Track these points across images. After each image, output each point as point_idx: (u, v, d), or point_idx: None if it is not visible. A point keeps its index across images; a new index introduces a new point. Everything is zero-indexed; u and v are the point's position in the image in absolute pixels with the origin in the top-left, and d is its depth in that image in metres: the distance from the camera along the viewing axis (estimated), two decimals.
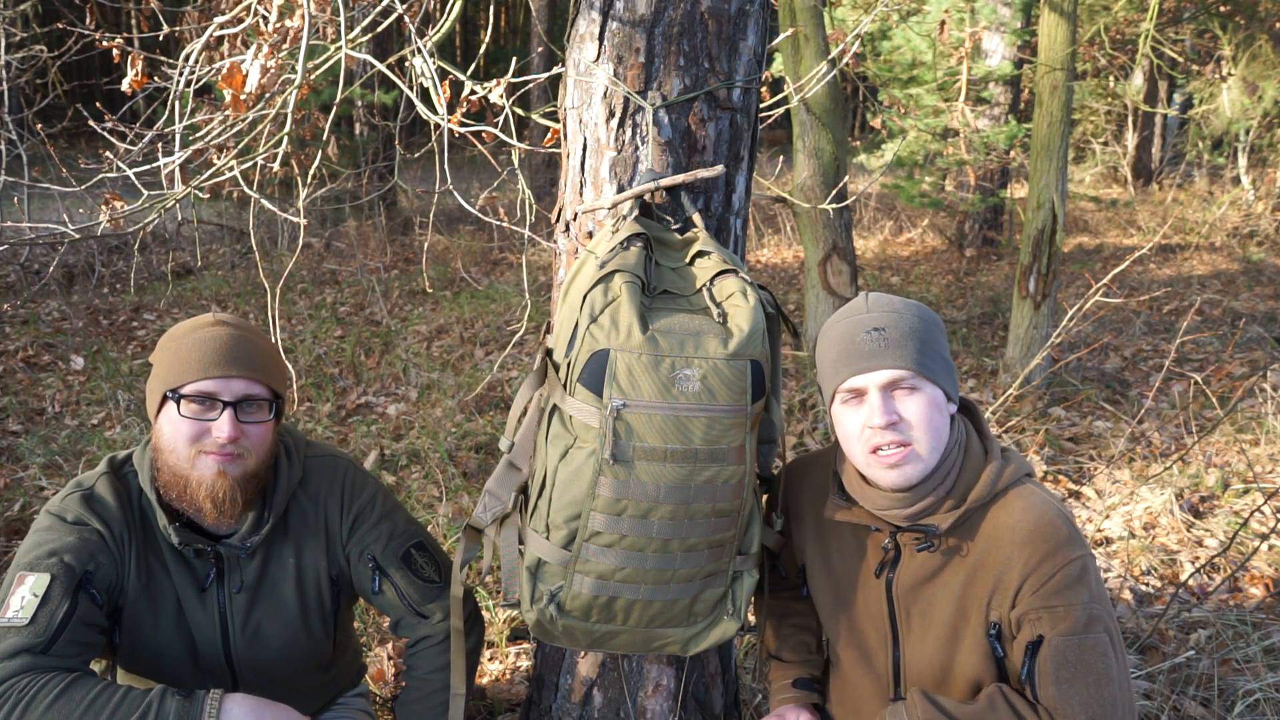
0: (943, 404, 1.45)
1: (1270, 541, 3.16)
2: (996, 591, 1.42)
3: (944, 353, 1.47)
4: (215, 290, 7.02)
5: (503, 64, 14.89)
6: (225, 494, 1.51)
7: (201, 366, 1.48)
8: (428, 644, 1.76)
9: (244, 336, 1.54)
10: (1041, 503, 1.44)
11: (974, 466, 1.47)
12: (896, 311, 1.45)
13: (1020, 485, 1.47)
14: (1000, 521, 1.44)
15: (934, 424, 1.42)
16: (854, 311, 1.48)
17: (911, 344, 1.42)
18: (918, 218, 10.13)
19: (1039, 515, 1.42)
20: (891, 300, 1.49)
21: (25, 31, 7.39)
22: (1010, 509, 1.44)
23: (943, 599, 1.48)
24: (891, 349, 1.41)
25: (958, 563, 1.47)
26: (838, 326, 1.48)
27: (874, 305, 1.48)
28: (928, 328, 1.45)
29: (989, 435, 1.53)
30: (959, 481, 1.46)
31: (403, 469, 3.84)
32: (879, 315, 1.45)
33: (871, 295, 1.51)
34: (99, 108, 2.92)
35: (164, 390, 1.50)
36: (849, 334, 1.45)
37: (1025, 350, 4.79)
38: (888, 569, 1.54)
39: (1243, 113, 9.91)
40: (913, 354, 1.41)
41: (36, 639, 1.37)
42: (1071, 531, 1.41)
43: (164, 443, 1.51)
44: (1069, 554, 1.38)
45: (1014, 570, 1.41)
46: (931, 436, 1.42)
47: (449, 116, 2.15)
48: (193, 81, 2.39)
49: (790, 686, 1.74)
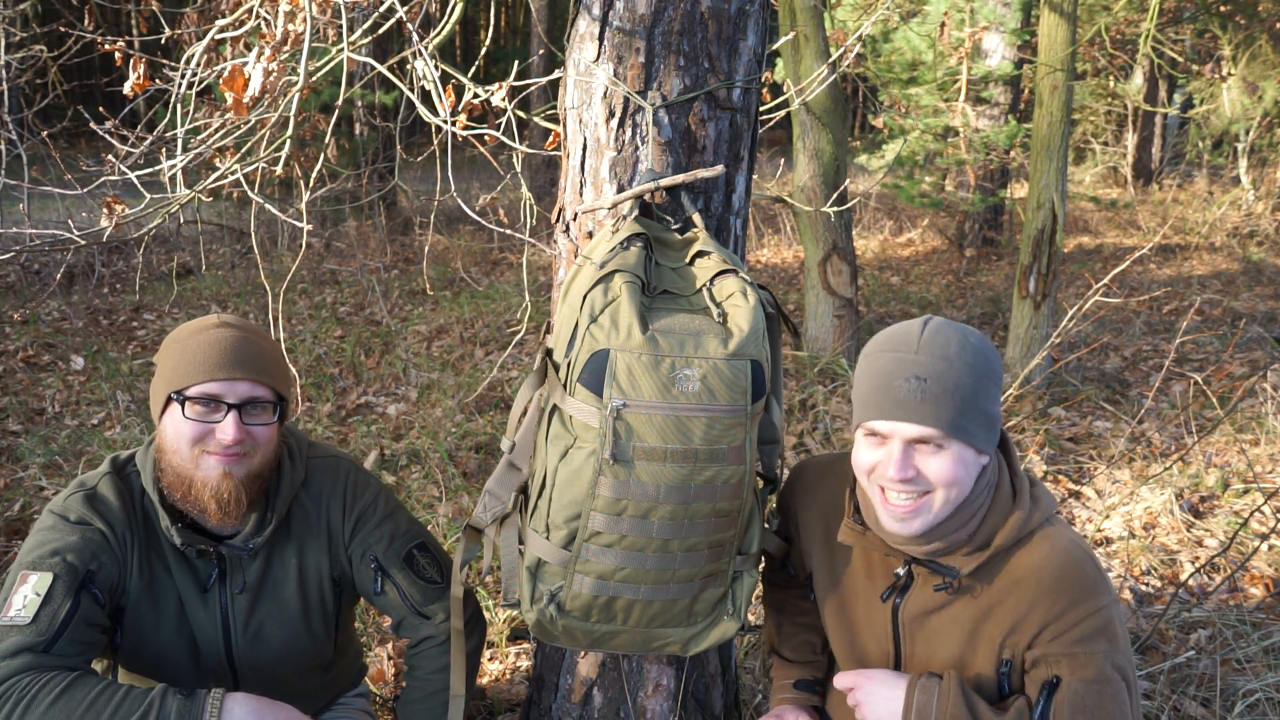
0: (970, 460, 1.36)
1: (1270, 541, 3.16)
2: (1014, 632, 1.38)
3: (989, 407, 1.36)
4: (216, 290, 7.02)
5: (503, 64, 14.89)
6: (230, 495, 1.52)
7: (206, 369, 1.49)
8: (429, 644, 1.76)
9: (248, 338, 1.54)
10: (1068, 546, 1.38)
11: (1001, 510, 1.40)
12: (948, 359, 1.33)
13: (1046, 527, 1.40)
14: (1023, 564, 1.38)
15: (955, 482, 1.35)
16: (903, 345, 1.36)
17: (952, 402, 1.31)
18: (918, 218, 10.13)
19: (1064, 560, 1.36)
20: (948, 341, 1.34)
21: (25, 31, 7.39)
22: (1034, 552, 1.38)
23: (952, 632, 1.44)
24: (928, 404, 1.31)
25: (972, 599, 1.43)
26: (882, 357, 1.37)
27: (926, 346, 1.34)
28: (977, 380, 1.33)
29: (1020, 474, 1.45)
30: (984, 525, 1.39)
31: (403, 469, 3.84)
32: (927, 361, 1.33)
33: (930, 328, 1.36)
34: (100, 109, 2.92)
35: (168, 392, 1.50)
36: (889, 372, 1.34)
37: (1025, 350, 4.79)
38: (896, 594, 1.50)
39: (1243, 113, 9.91)
40: (949, 414, 1.31)
41: (38, 638, 1.38)
42: (1098, 577, 1.36)
43: (167, 443, 1.52)
44: (1095, 603, 1.34)
45: (1035, 615, 1.36)
46: (949, 494, 1.35)
47: (453, 120, 2.15)
48: (194, 84, 2.40)
49: (791, 687, 1.74)
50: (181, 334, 1.55)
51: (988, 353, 1.36)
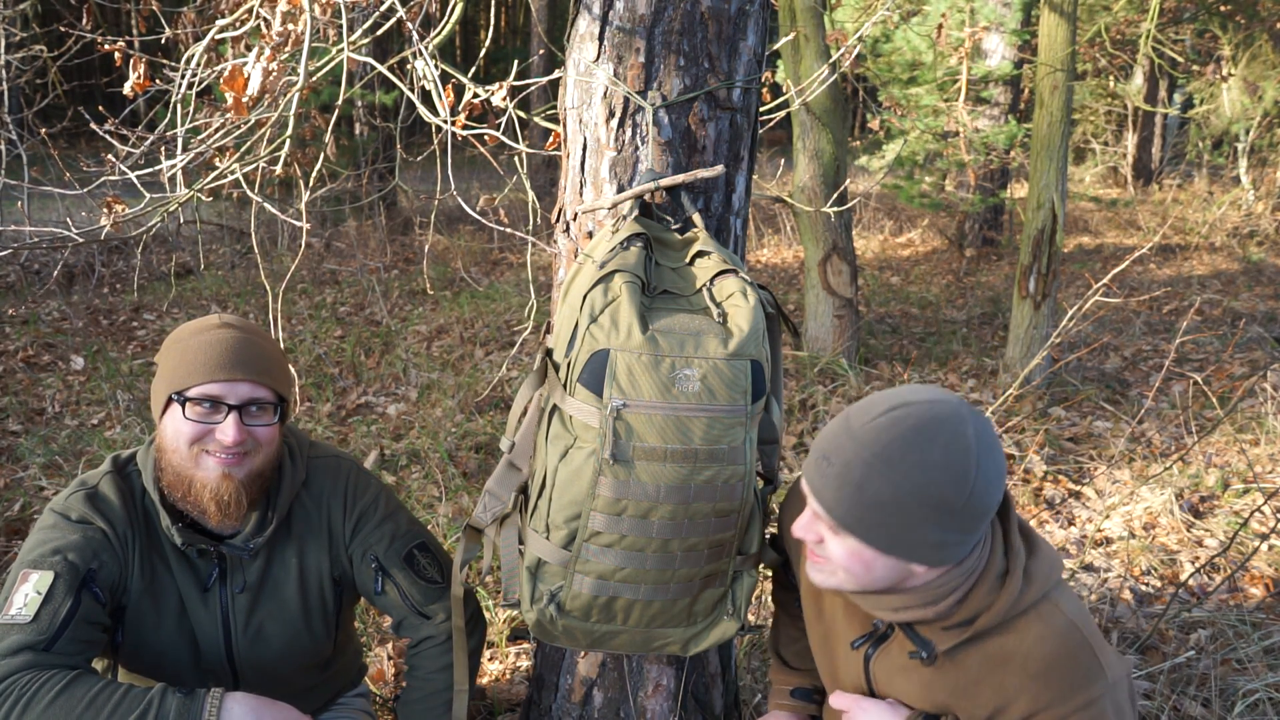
0: (874, 560, 1.22)
1: (1270, 541, 3.16)
2: (999, 715, 1.28)
3: (914, 531, 1.17)
4: (215, 290, 7.02)
5: (503, 64, 14.88)
6: (230, 496, 1.52)
7: (207, 369, 1.49)
8: (430, 644, 1.76)
9: (249, 339, 1.54)
10: (1063, 629, 1.24)
11: (988, 590, 1.25)
12: (872, 458, 1.17)
13: (1042, 604, 1.26)
14: (1009, 646, 1.25)
15: (850, 570, 1.24)
16: (856, 416, 1.23)
17: (851, 500, 1.18)
18: (918, 218, 10.13)
19: (1056, 648, 1.23)
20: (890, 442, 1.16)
21: (25, 31, 7.39)
22: (1024, 635, 1.25)
23: (924, 698, 1.35)
24: (828, 487, 1.21)
25: (949, 672, 1.31)
26: (834, 422, 1.26)
27: (864, 431, 1.19)
28: (902, 498, 1.16)
29: (1015, 543, 1.28)
30: (965, 604, 1.25)
31: (403, 469, 3.84)
32: (850, 448, 1.19)
33: (887, 419, 1.18)
34: (100, 109, 2.92)
35: (169, 392, 1.50)
36: (824, 435, 1.25)
37: (1025, 350, 4.79)
38: (870, 644, 1.40)
39: (1243, 113, 9.91)
40: (842, 510, 1.19)
41: (39, 636, 1.38)
42: (1093, 661, 1.23)
43: (167, 443, 1.52)
44: (1087, 695, 1.22)
45: (1021, 702, 1.25)
46: (851, 577, 1.25)
47: (452, 120, 2.15)
48: (194, 84, 2.40)
49: (789, 694, 1.72)
50: (183, 334, 1.55)
51: (943, 476, 1.15)
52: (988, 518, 1.21)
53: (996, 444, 1.20)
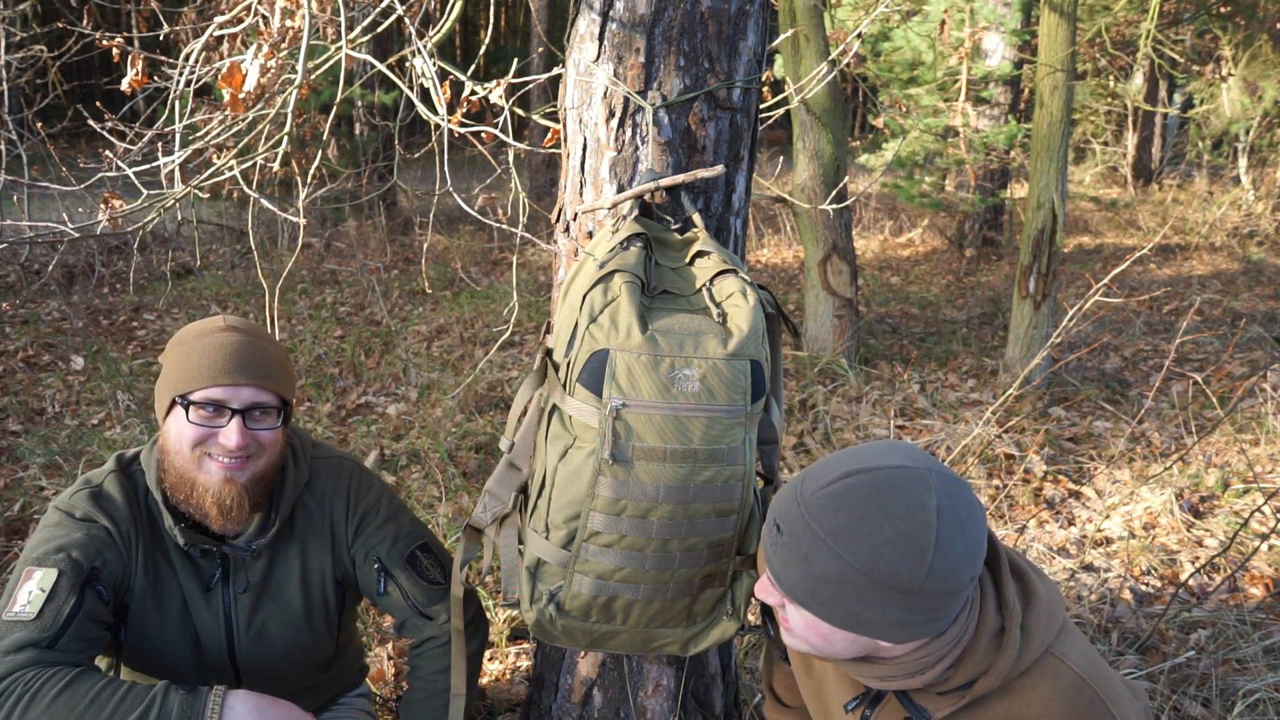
0: (831, 634, 1.13)
1: (1270, 541, 3.16)
2: None
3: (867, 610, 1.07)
4: (215, 290, 7.01)
5: (503, 64, 14.89)
6: (232, 500, 1.52)
7: (211, 374, 1.48)
8: (432, 645, 1.76)
9: (254, 343, 1.53)
10: (1072, 685, 1.13)
11: (983, 652, 1.14)
12: (806, 538, 1.08)
13: (1046, 660, 1.15)
14: (1016, 711, 1.15)
15: (814, 642, 1.15)
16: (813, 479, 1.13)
17: (796, 571, 1.10)
18: (918, 218, 10.13)
19: (1067, 709, 1.13)
20: (839, 511, 1.07)
21: (25, 31, 7.39)
22: (1031, 695, 1.14)
23: None
24: (777, 556, 1.13)
25: None
26: (788, 486, 1.17)
27: (817, 498, 1.09)
28: (840, 580, 1.06)
29: (1009, 598, 1.16)
30: (960, 668, 1.15)
31: (403, 469, 3.84)
32: (797, 516, 1.10)
33: (844, 485, 1.08)
34: (99, 107, 2.92)
35: (173, 395, 1.50)
36: (778, 499, 1.17)
37: (1025, 350, 4.79)
38: (864, 706, 1.30)
39: (1243, 113, 9.91)
40: (790, 581, 1.11)
41: (43, 634, 1.38)
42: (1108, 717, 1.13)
43: (170, 445, 1.52)
44: None
45: None
46: (814, 648, 1.17)
47: (449, 117, 2.15)
48: (193, 81, 2.39)
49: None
50: (187, 336, 1.54)
51: (893, 555, 1.03)
52: (957, 596, 1.08)
53: (968, 515, 1.07)
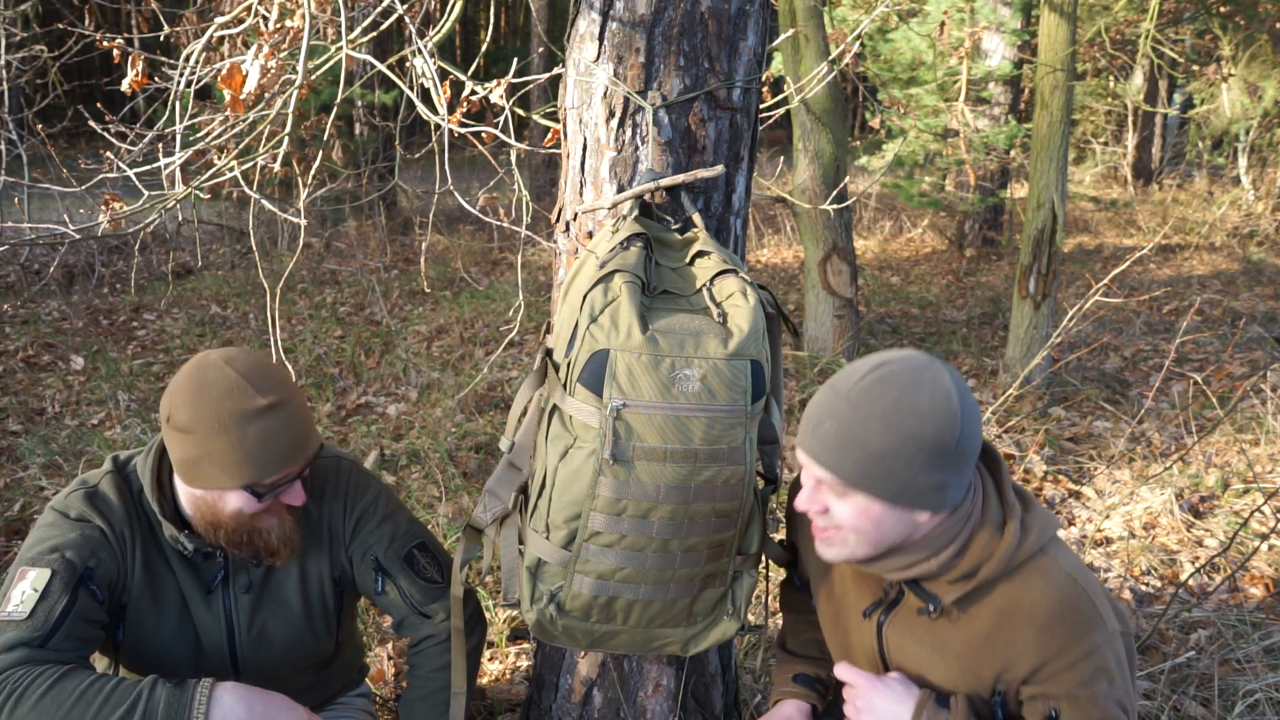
0: (881, 514, 1.27)
1: (1270, 541, 3.16)
2: (1007, 670, 1.33)
3: (918, 474, 1.24)
4: (215, 290, 7.02)
5: (503, 64, 14.89)
6: (291, 528, 1.59)
7: (279, 461, 1.49)
8: (430, 643, 1.76)
9: (296, 410, 1.52)
10: (1063, 580, 1.30)
11: (988, 540, 1.31)
12: (867, 412, 1.24)
13: (1040, 557, 1.32)
14: (1014, 598, 1.31)
15: (860, 530, 1.29)
16: (841, 383, 1.30)
17: (854, 454, 1.24)
18: (918, 218, 10.13)
19: (1059, 598, 1.29)
20: (881, 396, 1.24)
21: (25, 31, 7.40)
22: (1027, 586, 1.30)
23: (937, 659, 1.39)
24: (831, 449, 1.26)
25: (958, 628, 1.36)
26: (823, 390, 1.32)
27: (855, 392, 1.26)
28: (901, 443, 1.23)
29: (1010, 501, 1.34)
30: (966, 554, 1.31)
31: (403, 469, 3.84)
32: (845, 410, 1.26)
33: (873, 377, 1.26)
34: (99, 108, 2.92)
35: (238, 486, 1.49)
36: (817, 404, 1.31)
37: (1025, 350, 4.79)
38: (881, 611, 1.44)
39: (1243, 113, 9.91)
40: (849, 465, 1.25)
41: (34, 633, 1.39)
42: (1093, 613, 1.29)
43: (223, 516, 1.52)
44: (1091, 642, 1.28)
45: (1030, 655, 1.30)
46: (861, 537, 1.30)
47: (449, 117, 2.15)
48: (193, 82, 2.39)
49: (791, 680, 1.72)
50: (226, 420, 1.45)
51: (934, 418, 1.23)
52: (976, 455, 1.29)
53: (968, 389, 1.29)
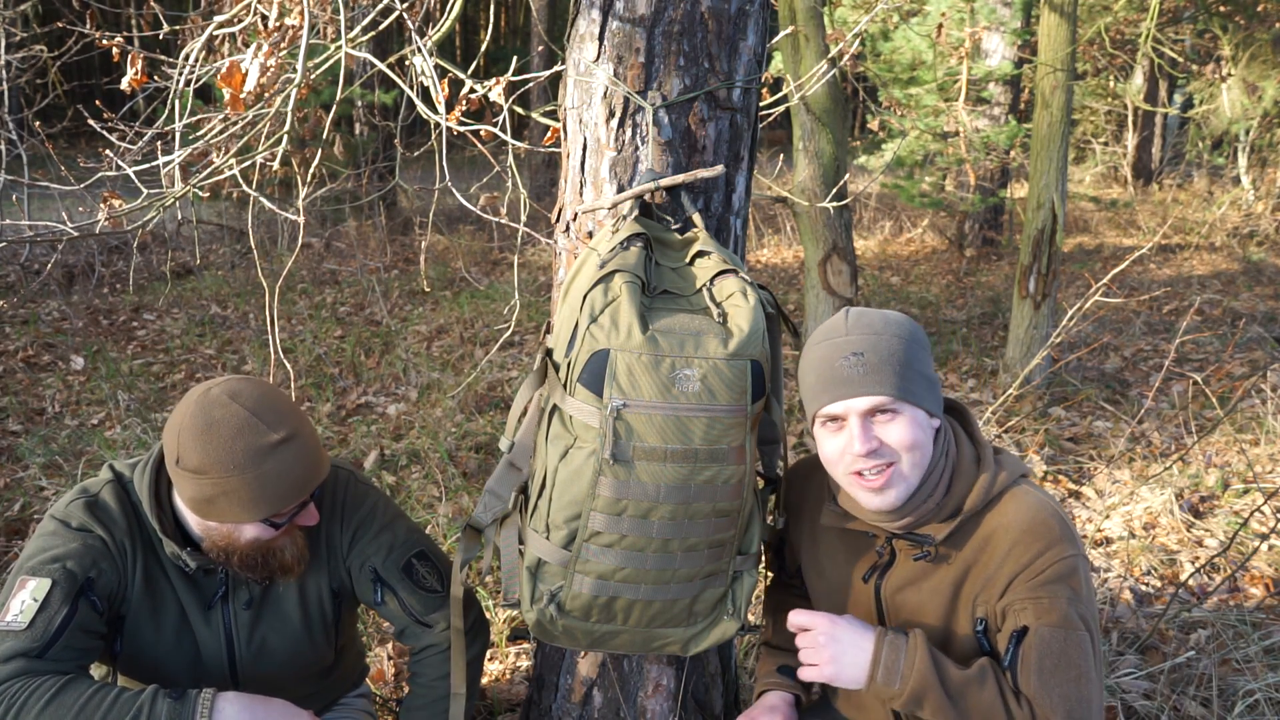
0: (924, 422, 1.43)
1: (1270, 541, 3.16)
2: (987, 588, 1.43)
3: (926, 371, 1.44)
4: (215, 290, 7.01)
5: (503, 64, 14.88)
6: (303, 545, 1.61)
7: (294, 493, 1.50)
8: (432, 652, 1.76)
9: (307, 440, 1.52)
10: (1035, 503, 1.43)
11: (966, 475, 1.46)
12: (876, 333, 1.42)
13: (1014, 488, 1.46)
14: (993, 523, 1.44)
15: (916, 444, 1.41)
16: (833, 333, 1.45)
17: (890, 368, 1.39)
18: (918, 218, 10.12)
19: (1032, 515, 1.41)
20: (872, 320, 1.44)
21: (25, 31, 7.40)
22: (1004, 511, 1.44)
23: (932, 602, 1.48)
24: (870, 375, 1.39)
25: (949, 566, 1.47)
26: (817, 349, 1.45)
27: (854, 326, 1.44)
28: (909, 348, 1.42)
29: (980, 439, 1.51)
30: (951, 492, 1.45)
31: (403, 469, 3.84)
32: (858, 339, 1.41)
33: (852, 313, 1.46)
34: (99, 107, 2.91)
35: (259, 518, 1.50)
36: (828, 358, 1.42)
37: (1025, 350, 4.78)
38: (877, 574, 1.54)
39: (1243, 113, 9.91)
40: (892, 379, 1.39)
41: (33, 643, 1.38)
42: (1064, 530, 1.41)
43: (239, 543, 1.53)
44: (1061, 551, 1.38)
45: (1006, 567, 1.41)
46: (914, 457, 1.41)
47: (448, 115, 2.15)
48: (192, 81, 2.39)
49: (775, 672, 1.73)
50: (241, 460, 1.45)
51: (910, 324, 1.46)
52: None
53: None
